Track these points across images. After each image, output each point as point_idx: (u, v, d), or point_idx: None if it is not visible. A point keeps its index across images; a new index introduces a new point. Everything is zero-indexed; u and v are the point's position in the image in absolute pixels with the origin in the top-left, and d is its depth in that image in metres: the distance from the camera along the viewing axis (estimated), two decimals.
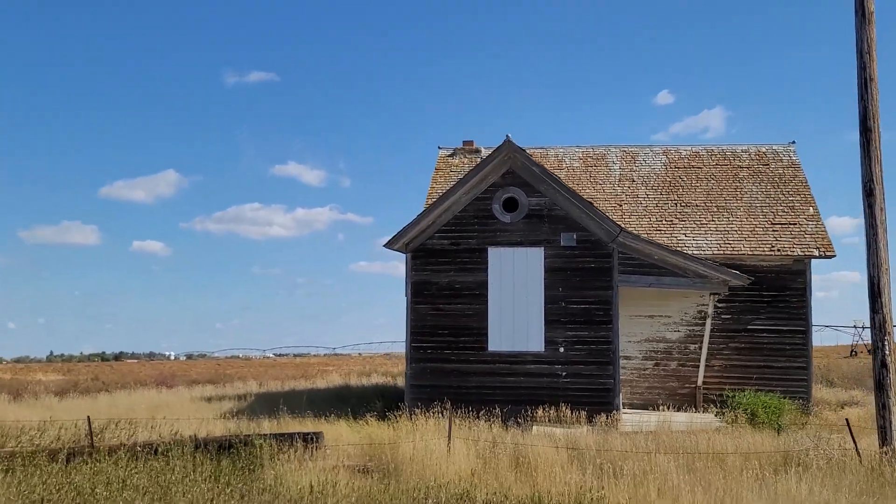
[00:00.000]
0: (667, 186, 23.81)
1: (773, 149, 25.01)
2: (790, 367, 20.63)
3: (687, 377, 21.15)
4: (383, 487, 10.36)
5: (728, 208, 22.64)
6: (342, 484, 10.24)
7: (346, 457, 13.16)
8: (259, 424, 17.04)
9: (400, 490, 10.07)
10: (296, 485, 10.20)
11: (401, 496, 9.40)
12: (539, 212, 18.78)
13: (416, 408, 17.78)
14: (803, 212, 22.09)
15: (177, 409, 21.68)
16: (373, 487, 10.39)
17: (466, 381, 18.62)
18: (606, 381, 18.21)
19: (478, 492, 9.49)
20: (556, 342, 18.44)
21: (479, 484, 10.48)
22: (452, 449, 12.59)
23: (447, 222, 19.10)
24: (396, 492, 9.87)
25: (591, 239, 18.53)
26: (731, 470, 10.95)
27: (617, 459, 11.85)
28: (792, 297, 20.80)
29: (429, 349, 18.95)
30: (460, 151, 26.25)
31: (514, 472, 11.43)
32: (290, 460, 12.13)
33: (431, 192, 24.55)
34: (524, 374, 18.50)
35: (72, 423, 15.13)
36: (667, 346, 21.35)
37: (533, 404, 17.83)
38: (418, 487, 10.17)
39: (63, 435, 14.45)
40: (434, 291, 19.05)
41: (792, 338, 20.73)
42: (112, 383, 39.33)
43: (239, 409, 21.31)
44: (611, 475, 10.76)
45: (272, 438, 12.75)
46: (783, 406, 18.86)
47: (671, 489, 9.76)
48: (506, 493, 9.64)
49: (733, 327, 20.99)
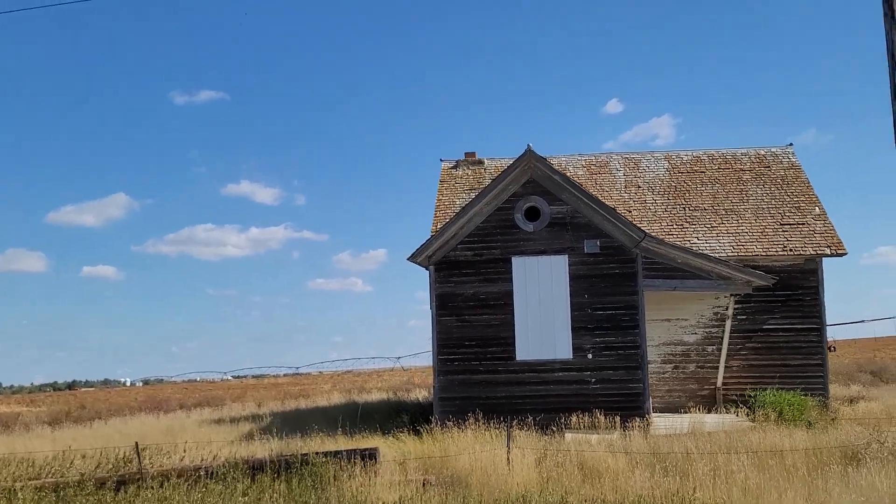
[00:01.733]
0: (673, 191, 24.10)
1: (772, 151, 25.47)
2: (807, 365, 20.92)
3: (706, 379, 21.35)
4: (461, 500, 10.30)
5: (736, 210, 22.98)
6: (422, 499, 10.16)
7: (403, 472, 13.03)
8: (291, 444, 16.87)
9: (482, 502, 10.02)
10: (377, 501, 10.09)
11: None
12: (561, 220, 18.89)
13: (447, 420, 17.76)
14: (810, 211, 22.50)
15: (191, 434, 21.25)
16: (450, 500, 10.33)
17: (496, 392, 18.59)
18: (636, 386, 18.31)
19: (571, 497, 9.43)
20: (584, 349, 18.52)
21: (555, 491, 10.48)
22: (511, 459, 12.57)
23: (469, 233, 19.11)
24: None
25: (615, 245, 18.67)
26: (795, 466, 11.08)
27: (678, 461, 11.94)
28: (805, 296, 21.13)
29: (456, 361, 18.90)
30: (463, 163, 26.31)
31: (582, 479, 11.44)
32: (353, 477, 12.01)
33: (439, 203, 24.57)
34: (553, 382, 18.53)
35: (96, 451, 14.83)
36: (685, 349, 21.55)
37: (563, 412, 17.87)
38: (498, 499, 10.13)
39: (102, 462, 14.13)
40: (459, 303, 19.02)
41: (807, 336, 21.04)
42: (102, 411, 38.56)
43: (261, 430, 21.03)
44: (680, 477, 10.81)
45: (331, 456, 12.59)
46: (806, 403, 19.14)
47: (754, 488, 9.83)
48: (593, 498, 9.63)
49: (749, 328, 21.25)
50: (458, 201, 24.49)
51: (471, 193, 24.77)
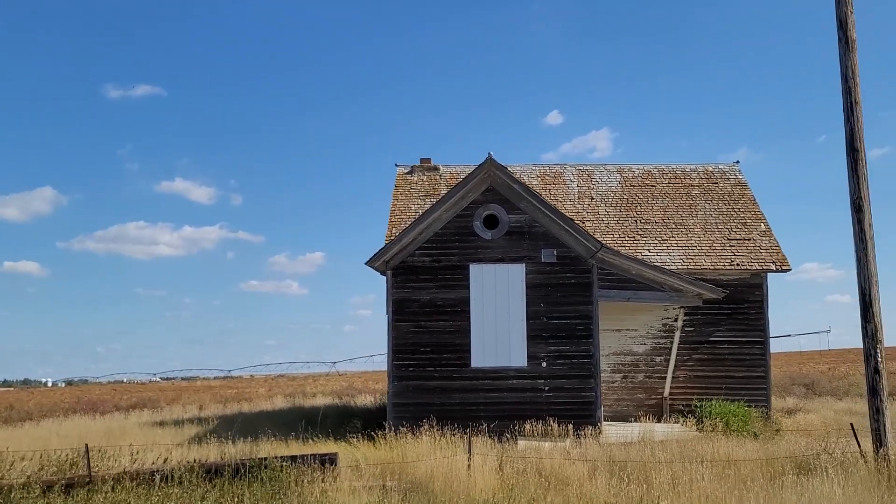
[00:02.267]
0: (625, 204, 24.53)
1: (719, 168, 26.17)
2: (750, 377, 21.53)
3: (654, 388, 21.77)
4: None
5: (685, 224, 23.52)
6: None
7: (361, 477, 12.92)
8: (244, 448, 16.55)
9: None
10: None
11: None
12: (520, 228, 19.04)
13: (401, 426, 17.69)
14: (755, 228, 23.18)
15: (134, 436, 20.64)
16: None
17: (450, 398, 18.61)
18: (588, 395, 18.55)
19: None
20: (539, 357, 18.68)
21: (521, 498, 10.53)
22: (472, 465, 12.58)
23: (428, 239, 19.11)
24: None
25: (571, 255, 18.90)
26: (753, 476, 11.37)
27: (636, 470, 12.12)
28: (750, 310, 21.74)
29: (411, 367, 18.85)
30: (418, 169, 26.30)
31: (546, 486, 11.51)
32: (314, 482, 11.85)
33: (394, 209, 24.51)
34: (507, 390, 18.64)
35: (34, 453, 14.26)
36: (634, 359, 21.94)
37: (517, 419, 18.00)
38: None
39: (45, 465, 13.63)
40: (415, 309, 18.99)
41: (751, 348, 21.66)
42: (33, 412, 37.19)
43: (206, 434, 20.56)
44: (643, 485, 10.97)
45: (289, 461, 12.40)
46: (749, 414, 19.69)
47: (714, 496, 10.04)
48: None
49: (696, 339, 21.77)
50: (413, 207, 24.48)
51: (426, 200, 24.80)
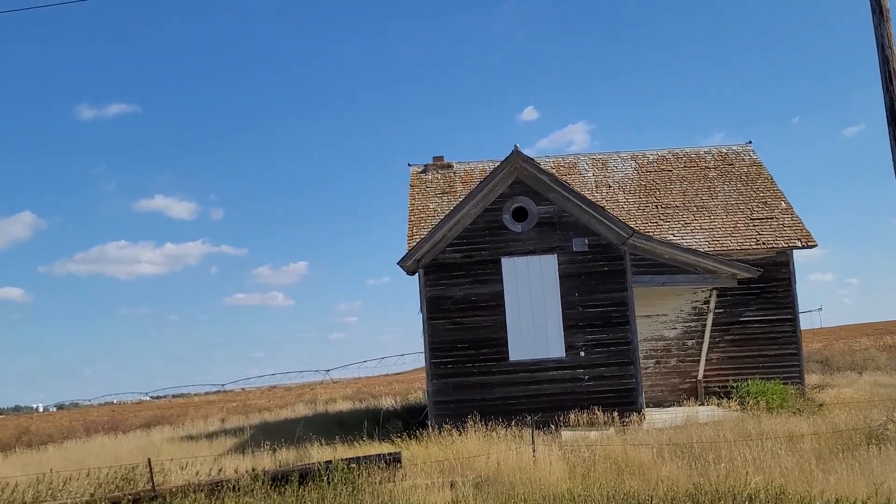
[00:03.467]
0: (643, 190, 24.55)
1: (732, 149, 26.22)
2: (783, 355, 21.56)
3: (687, 372, 21.79)
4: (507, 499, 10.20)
5: (706, 207, 23.55)
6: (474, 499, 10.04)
7: (426, 475, 12.84)
8: (296, 454, 16.46)
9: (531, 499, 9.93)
10: None
11: None
12: (549, 219, 19.00)
13: (444, 423, 17.63)
14: (776, 206, 23.23)
15: (170, 452, 20.48)
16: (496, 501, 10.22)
17: (490, 393, 18.55)
18: (629, 381, 18.54)
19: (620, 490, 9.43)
20: (577, 347, 18.65)
21: (600, 482, 10.50)
22: (536, 457, 12.53)
23: (458, 235, 19.05)
24: None
25: (603, 243, 18.88)
26: (831, 449, 11.37)
27: (704, 450, 12.10)
28: (778, 288, 21.78)
29: (449, 364, 18.79)
30: (432, 167, 26.23)
31: (617, 473, 11.47)
32: (383, 482, 11.78)
33: (412, 208, 24.43)
34: (547, 381, 18.60)
35: (78, 473, 14.05)
36: (666, 344, 21.95)
37: (559, 410, 17.96)
38: (547, 495, 10.07)
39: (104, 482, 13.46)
40: (450, 306, 18.92)
41: (781, 326, 21.70)
42: (54, 434, 36.87)
43: (245, 444, 20.43)
44: (720, 464, 10.90)
45: (355, 462, 12.32)
46: (787, 392, 19.73)
47: (797, 471, 10.02)
48: (645, 490, 9.66)
49: (726, 320, 21.78)
50: (430, 205, 24.42)
51: (443, 197, 24.75)
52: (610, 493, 9.54)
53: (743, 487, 9.19)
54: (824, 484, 9.07)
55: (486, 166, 26.20)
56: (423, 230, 22.89)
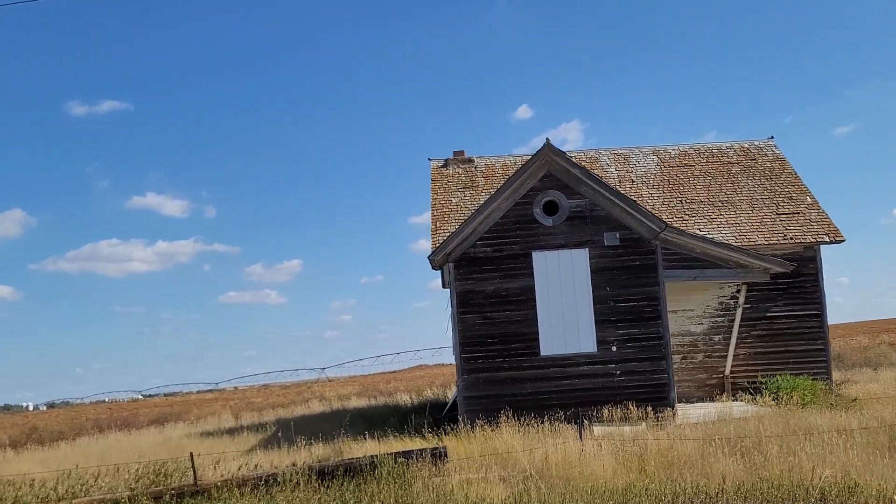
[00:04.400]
0: (667, 185, 24.41)
1: (755, 145, 26.10)
2: (810, 350, 21.45)
3: (714, 368, 21.67)
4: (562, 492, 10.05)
5: (731, 202, 23.42)
6: (529, 493, 9.89)
7: (472, 469, 12.70)
8: (323, 449, 16.31)
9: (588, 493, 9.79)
10: (472, 501, 9.73)
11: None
12: (580, 213, 18.86)
13: (476, 418, 17.49)
14: (802, 201, 23.11)
15: (193, 447, 20.19)
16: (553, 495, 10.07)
17: (521, 388, 18.41)
18: (661, 376, 18.41)
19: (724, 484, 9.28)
20: (608, 341, 18.52)
21: (659, 476, 10.37)
22: (584, 451, 12.39)
23: (488, 229, 18.90)
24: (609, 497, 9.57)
25: (634, 237, 18.74)
26: (881, 444, 11.24)
27: (753, 445, 11.96)
28: (806, 283, 21.64)
29: (480, 359, 18.64)
30: (452, 162, 26.08)
31: (667, 466, 11.32)
32: (432, 476, 11.63)
33: (434, 202, 24.28)
34: (578, 376, 18.47)
35: (105, 468, 13.80)
36: (692, 340, 21.82)
37: (590, 405, 17.83)
38: (604, 490, 9.92)
39: (140, 476, 13.23)
40: (480, 300, 18.77)
41: (809, 321, 21.57)
42: (65, 431, 36.66)
43: (270, 439, 20.30)
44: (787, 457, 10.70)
45: (402, 457, 12.17)
46: (816, 387, 19.63)
47: (860, 464, 9.89)
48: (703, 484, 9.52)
49: (753, 315, 21.64)
50: (453, 200, 24.27)
51: (465, 192, 24.61)
52: (677, 487, 9.38)
53: (811, 481, 9.04)
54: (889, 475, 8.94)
55: (507, 161, 26.09)
56: (446, 224, 22.76)
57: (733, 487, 9.31)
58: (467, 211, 23.11)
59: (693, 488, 9.33)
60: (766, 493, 8.88)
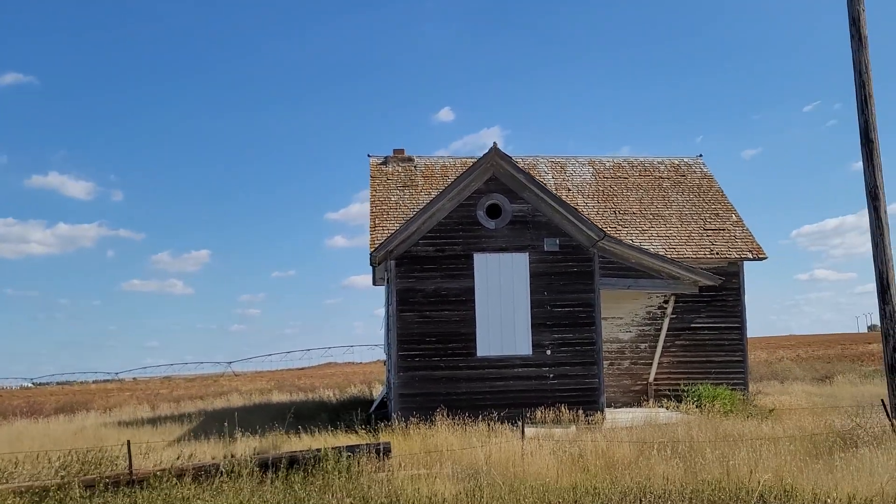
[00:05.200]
0: (601, 195, 25.06)
1: (684, 161, 27.07)
2: (730, 361, 22.41)
3: (639, 374, 22.37)
4: (515, 491, 10.24)
5: (662, 215, 24.23)
6: (481, 491, 10.04)
7: (416, 466, 12.77)
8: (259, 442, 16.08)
9: (536, 491, 10.01)
10: (424, 496, 9.81)
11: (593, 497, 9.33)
12: (523, 218, 19.18)
13: (410, 416, 17.59)
14: (728, 218, 24.11)
15: (114, 437, 19.63)
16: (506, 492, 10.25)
17: (457, 388, 18.58)
18: (592, 381, 18.89)
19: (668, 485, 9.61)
20: (543, 345, 18.88)
21: (601, 476, 10.68)
22: (525, 450, 12.64)
23: (431, 229, 19.01)
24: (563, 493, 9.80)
25: (574, 244, 19.17)
26: (816, 450, 11.86)
27: (686, 450, 12.44)
28: (728, 297, 22.60)
29: (416, 357, 18.72)
30: (392, 160, 26.08)
31: (608, 467, 11.66)
32: (378, 471, 11.65)
33: (373, 199, 24.22)
34: (513, 378, 18.77)
35: (22, 456, 13.24)
36: (620, 347, 22.46)
37: (524, 406, 18.06)
38: (549, 488, 10.16)
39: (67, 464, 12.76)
40: (420, 299, 18.86)
41: (730, 334, 22.54)
42: None
43: (195, 431, 19.84)
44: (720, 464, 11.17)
45: (348, 451, 12.14)
46: (735, 397, 20.53)
47: (796, 470, 10.42)
48: (646, 484, 9.88)
49: (678, 326, 22.46)
50: (392, 198, 24.28)
51: (405, 190, 24.66)
52: (624, 487, 9.70)
53: (749, 485, 9.49)
54: (830, 482, 9.48)
55: (447, 162, 26.27)
56: (385, 222, 22.77)
57: (677, 489, 9.67)
58: (406, 209, 23.18)
59: (639, 488, 9.65)
60: (709, 495, 9.25)
